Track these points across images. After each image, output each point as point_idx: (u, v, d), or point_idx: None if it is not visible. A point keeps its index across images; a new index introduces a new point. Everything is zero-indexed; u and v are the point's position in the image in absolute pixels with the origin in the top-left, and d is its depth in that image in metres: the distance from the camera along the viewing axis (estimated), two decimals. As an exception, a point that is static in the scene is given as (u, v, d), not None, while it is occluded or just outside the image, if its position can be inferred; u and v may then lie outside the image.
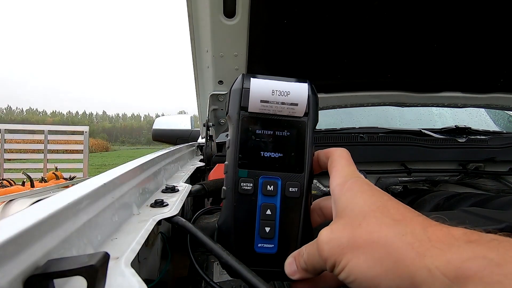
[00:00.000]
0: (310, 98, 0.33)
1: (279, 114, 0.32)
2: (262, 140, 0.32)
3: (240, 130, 0.32)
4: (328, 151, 0.32)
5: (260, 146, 0.32)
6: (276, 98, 0.32)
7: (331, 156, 0.31)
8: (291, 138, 0.32)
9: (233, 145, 0.32)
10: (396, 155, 0.96)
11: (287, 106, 0.32)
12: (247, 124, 0.32)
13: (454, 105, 1.03)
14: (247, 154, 0.32)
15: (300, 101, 0.32)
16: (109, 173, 0.36)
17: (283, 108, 0.32)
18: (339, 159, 0.30)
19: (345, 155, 0.31)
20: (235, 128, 0.32)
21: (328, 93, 0.97)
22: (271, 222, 0.31)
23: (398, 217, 0.23)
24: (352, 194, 0.26)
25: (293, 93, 0.32)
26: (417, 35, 0.75)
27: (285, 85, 0.32)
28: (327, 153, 0.32)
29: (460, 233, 0.20)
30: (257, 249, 0.31)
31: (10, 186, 2.81)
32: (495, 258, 0.18)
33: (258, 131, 0.32)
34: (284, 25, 0.67)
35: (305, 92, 0.32)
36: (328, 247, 0.24)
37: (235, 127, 0.32)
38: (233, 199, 0.31)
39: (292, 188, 0.32)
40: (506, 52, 0.82)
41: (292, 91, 0.32)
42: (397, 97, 0.99)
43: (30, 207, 0.22)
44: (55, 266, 0.18)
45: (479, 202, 0.65)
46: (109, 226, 0.29)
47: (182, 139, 1.74)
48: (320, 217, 0.33)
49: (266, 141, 0.32)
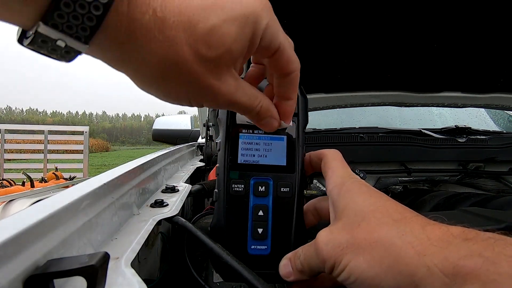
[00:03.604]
0: (299, 100, 0.33)
1: None
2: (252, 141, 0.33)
3: (230, 132, 0.32)
4: (320, 153, 0.32)
5: (250, 147, 0.32)
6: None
7: (324, 157, 0.31)
8: (281, 138, 0.33)
9: (223, 147, 0.32)
10: (396, 155, 0.96)
11: None
12: (236, 126, 0.33)
13: (454, 105, 1.03)
14: (237, 156, 0.32)
15: None
16: (109, 173, 0.36)
17: None
18: (333, 161, 0.31)
19: (338, 156, 0.31)
20: (224, 131, 0.33)
21: (328, 93, 0.97)
22: (264, 223, 0.31)
23: (397, 217, 0.23)
24: (351, 195, 0.26)
25: None
26: (417, 35, 0.75)
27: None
28: (319, 155, 0.32)
29: (458, 231, 0.21)
30: (250, 251, 0.31)
31: (10, 186, 2.81)
32: (491, 256, 0.18)
33: (248, 132, 0.33)
34: (284, 25, 0.67)
35: None
36: (327, 248, 0.24)
37: (224, 129, 0.33)
38: (224, 201, 0.31)
39: (283, 188, 0.32)
40: (506, 52, 0.82)
41: None
42: (397, 97, 0.99)
43: (30, 207, 0.22)
44: (55, 266, 0.18)
45: (479, 202, 0.65)
46: (109, 226, 0.29)
47: (182, 139, 1.74)
48: (315, 218, 0.33)
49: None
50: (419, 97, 0.99)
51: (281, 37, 0.24)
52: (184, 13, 0.20)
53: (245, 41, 0.22)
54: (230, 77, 0.23)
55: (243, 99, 0.24)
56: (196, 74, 0.21)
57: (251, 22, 0.21)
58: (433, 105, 1.04)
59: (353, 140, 0.95)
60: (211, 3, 0.20)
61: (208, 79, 0.22)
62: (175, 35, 0.20)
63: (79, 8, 0.17)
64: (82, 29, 0.18)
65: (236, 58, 0.22)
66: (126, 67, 0.21)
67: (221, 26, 0.20)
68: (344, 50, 0.79)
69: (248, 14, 0.21)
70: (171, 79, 0.21)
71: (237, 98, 0.24)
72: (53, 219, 0.21)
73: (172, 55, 0.20)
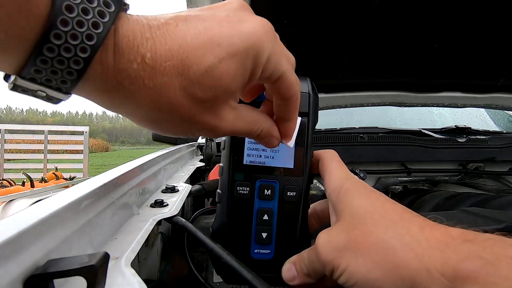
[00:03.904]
0: (310, 97, 0.31)
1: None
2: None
3: None
4: (316, 154, 0.32)
5: (257, 147, 0.31)
6: None
7: (321, 159, 0.31)
8: None
9: (228, 146, 0.31)
10: (396, 155, 0.96)
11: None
12: None
13: (454, 105, 1.03)
14: (243, 156, 0.30)
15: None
16: (109, 173, 0.36)
17: None
18: (330, 162, 0.30)
19: (335, 157, 0.31)
20: None
21: (328, 93, 0.97)
22: (268, 227, 0.30)
23: (395, 218, 0.23)
24: (349, 197, 0.26)
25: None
26: (417, 35, 0.75)
27: None
28: (316, 156, 0.32)
29: (457, 233, 0.20)
30: (253, 255, 0.30)
31: (10, 186, 2.81)
32: (490, 258, 0.18)
33: None
34: (284, 25, 0.68)
35: (305, 88, 0.31)
36: (326, 251, 0.24)
37: None
38: (228, 203, 0.30)
39: (290, 192, 0.30)
40: (506, 52, 0.82)
41: None
42: (397, 97, 0.99)
43: (30, 207, 0.22)
44: (55, 266, 0.18)
45: (479, 202, 0.65)
46: (109, 226, 0.29)
47: (182, 139, 1.74)
48: (317, 222, 0.33)
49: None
50: (419, 97, 0.99)
51: (284, 66, 0.22)
52: (176, 56, 0.18)
53: (245, 77, 0.21)
54: (228, 110, 0.22)
55: (242, 128, 0.23)
56: (192, 114, 0.20)
57: (252, 55, 0.20)
58: (433, 105, 1.04)
59: (353, 140, 0.95)
60: (207, 40, 0.19)
61: (204, 117, 0.21)
62: (167, 81, 0.18)
63: (57, 64, 0.16)
64: (62, 82, 0.17)
65: (234, 93, 0.21)
66: (118, 111, 0.21)
67: (217, 66, 0.19)
68: (344, 50, 0.79)
69: (248, 48, 0.20)
70: (166, 121, 0.21)
71: (235, 128, 0.23)
72: (53, 219, 0.21)
73: (165, 100, 0.19)
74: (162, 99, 0.19)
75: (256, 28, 0.20)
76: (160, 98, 0.19)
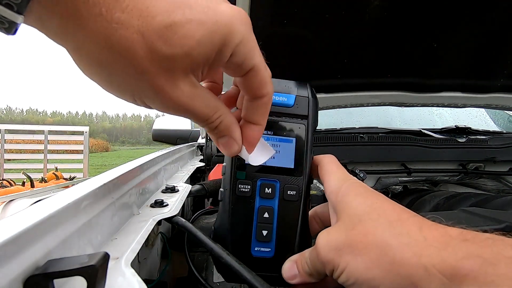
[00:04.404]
0: (310, 101, 0.32)
1: (277, 112, 0.32)
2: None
3: None
4: (316, 159, 0.32)
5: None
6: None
7: (320, 163, 0.31)
8: (290, 140, 0.32)
9: None
10: (396, 155, 0.96)
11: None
12: None
13: (454, 105, 1.03)
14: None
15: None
16: (109, 173, 0.36)
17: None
18: (329, 165, 0.31)
19: (334, 160, 0.31)
20: None
21: (328, 93, 0.96)
22: (269, 225, 0.31)
23: (393, 218, 0.23)
24: (348, 198, 0.26)
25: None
26: (417, 35, 0.75)
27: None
28: (315, 161, 0.32)
29: (456, 232, 0.21)
30: (254, 253, 0.31)
31: (10, 186, 2.81)
32: (489, 258, 0.18)
33: None
34: (284, 25, 0.68)
35: (305, 93, 0.32)
36: (326, 251, 0.24)
37: None
38: (230, 201, 0.31)
39: (290, 191, 0.31)
40: (506, 52, 0.82)
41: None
42: (397, 97, 0.99)
43: (30, 207, 0.22)
44: (55, 266, 0.18)
45: (479, 202, 0.65)
46: (109, 226, 0.29)
47: (182, 139, 1.74)
48: (319, 225, 0.33)
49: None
50: (419, 97, 0.99)
51: (257, 58, 0.22)
52: (143, 0, 0.17)
53: (211, 49, 0.19)
54: (187, 83, 0.20)
55: (200, 108, 0.22)
56: (145, 69, 0.19)
57: (222, 32, 0.19)
58: (433, 105, 1.04)
59: (353, 140, 0.95)
60: (180, 1, 0.18)
61: (158, 79, 0.19)
62: (126, 18, 0.17)
63: None
64: None
65: (197, 64, 0.20)
66: (67, 43, 0.19)
67: (183, 25, 0.18)
68: (344, 50, 0.79)
69: (220, 22, 0.19)
70: (114, 67, 0.19)
71: (192, 107, 0.21)
72: (53, 219, 0.21)
73: (118, 39, 0.18)
74: (116, 36, 0.18)
75: (233, 11, 0.20)
76: (114, 35, 0.17)
